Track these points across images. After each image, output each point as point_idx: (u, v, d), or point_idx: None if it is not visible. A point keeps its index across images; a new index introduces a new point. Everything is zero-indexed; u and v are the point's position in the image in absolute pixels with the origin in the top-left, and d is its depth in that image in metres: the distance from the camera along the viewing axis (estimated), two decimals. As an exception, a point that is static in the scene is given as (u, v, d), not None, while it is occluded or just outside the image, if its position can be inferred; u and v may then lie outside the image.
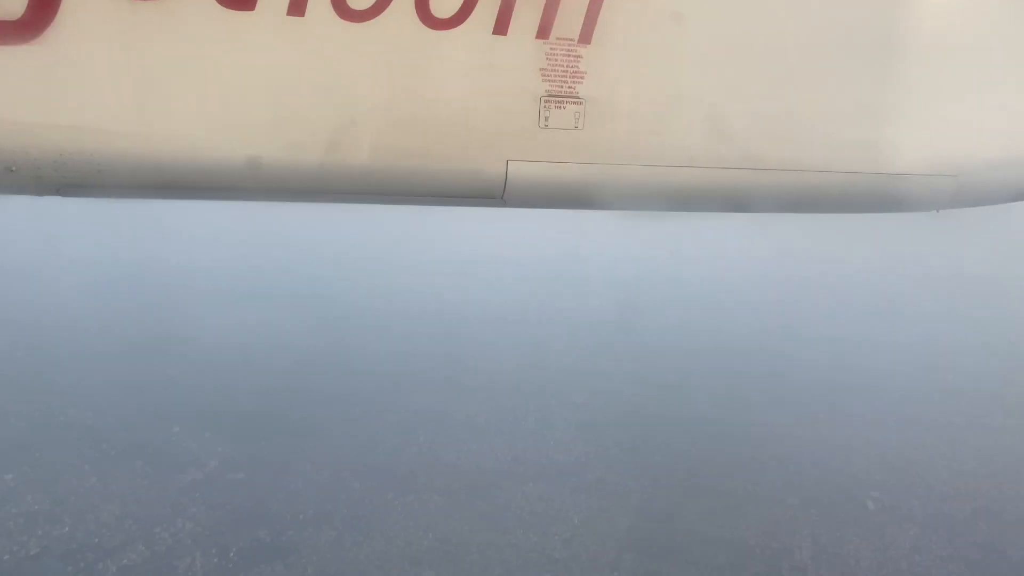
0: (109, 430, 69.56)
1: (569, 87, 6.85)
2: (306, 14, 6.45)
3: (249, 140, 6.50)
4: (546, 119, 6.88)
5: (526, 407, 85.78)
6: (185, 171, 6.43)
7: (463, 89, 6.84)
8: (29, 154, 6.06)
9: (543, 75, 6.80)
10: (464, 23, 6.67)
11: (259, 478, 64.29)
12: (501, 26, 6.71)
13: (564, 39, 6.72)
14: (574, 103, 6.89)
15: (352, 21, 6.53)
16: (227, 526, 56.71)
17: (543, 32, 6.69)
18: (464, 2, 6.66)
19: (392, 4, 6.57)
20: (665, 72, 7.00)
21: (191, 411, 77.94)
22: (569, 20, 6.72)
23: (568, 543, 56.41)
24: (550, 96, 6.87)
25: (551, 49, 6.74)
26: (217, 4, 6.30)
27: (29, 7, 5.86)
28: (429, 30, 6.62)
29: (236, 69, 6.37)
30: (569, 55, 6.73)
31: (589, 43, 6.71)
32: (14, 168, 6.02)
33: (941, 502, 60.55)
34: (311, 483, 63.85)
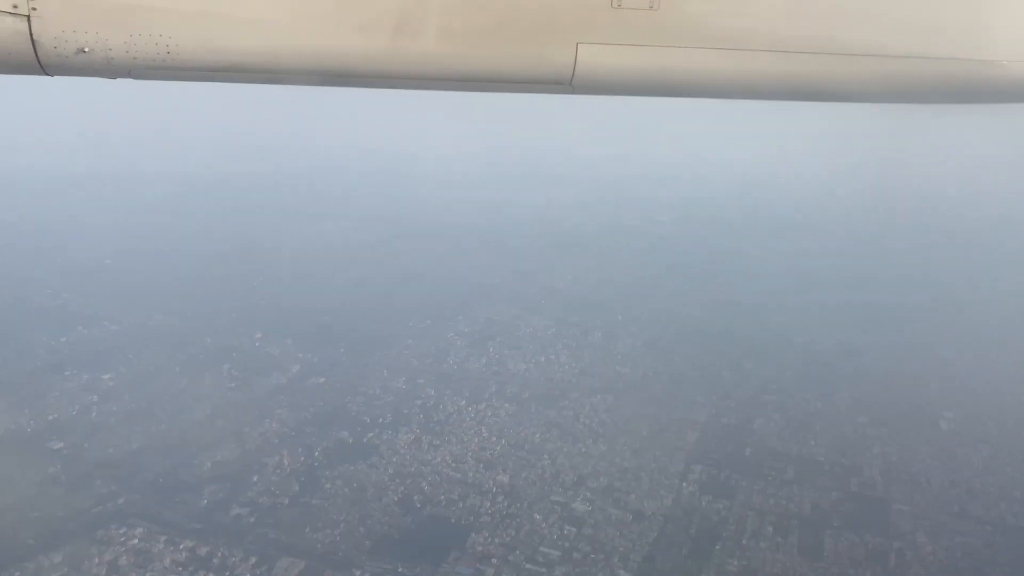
0: (195, 335, 72.03)
1: None
2: None
3: (315, 24, 5.61)
4: None
5: (592, 322, 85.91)
6: (253, 54, 5.64)
7: None
8: (100, 35, 5.33)
9: None
10: None
11: (339, 383, 66.31)
12: None
13: None
14: None
15: None
16: (311, 427, 59.01)
17: None
18: None
19: None
20: None
21: (271, 318, 79.57)
22: None
23: (637, 453, 56.79)
24: None
25: None
26: None
27: None
28: None
29: None
30: None
31: None
32: (87, 49, 5.33)
33: (1018, 425, 58.50)
34: (388, 389, 65.59)
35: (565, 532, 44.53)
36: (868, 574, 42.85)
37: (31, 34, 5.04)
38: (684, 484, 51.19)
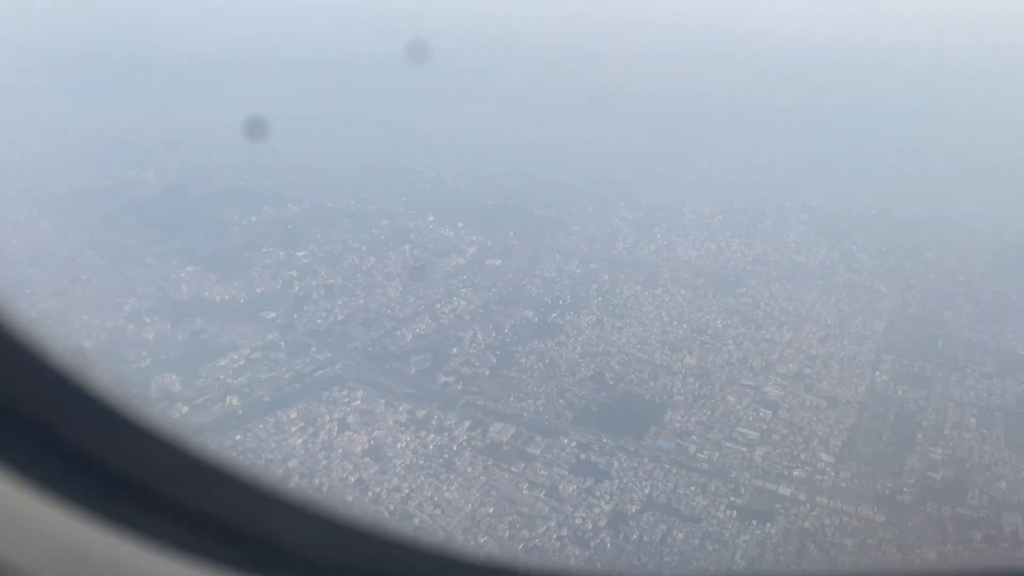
0: (372, 216, 75.60)
1: None
2: None
3: None
4: None
5: (761, 209, 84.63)
6: None
7: None
8: None
9: None
10: None
11: (515, 265, 68.89)
12: None
13: None
14: None
15: None
16: (496, 305, 61.75)
17: None
18: None
19: None
20: None
21: (439, 201, 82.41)
22: None
23: (824, 341, 56.58)
24: None
25: None
26: None
27: None
28: None
29: None
30: None
31: None
32: None
33: None
34: (563, 272, 67.73)
35: (760, 414, 45.47)
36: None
37: None
38: (876, 373, 50.78)
